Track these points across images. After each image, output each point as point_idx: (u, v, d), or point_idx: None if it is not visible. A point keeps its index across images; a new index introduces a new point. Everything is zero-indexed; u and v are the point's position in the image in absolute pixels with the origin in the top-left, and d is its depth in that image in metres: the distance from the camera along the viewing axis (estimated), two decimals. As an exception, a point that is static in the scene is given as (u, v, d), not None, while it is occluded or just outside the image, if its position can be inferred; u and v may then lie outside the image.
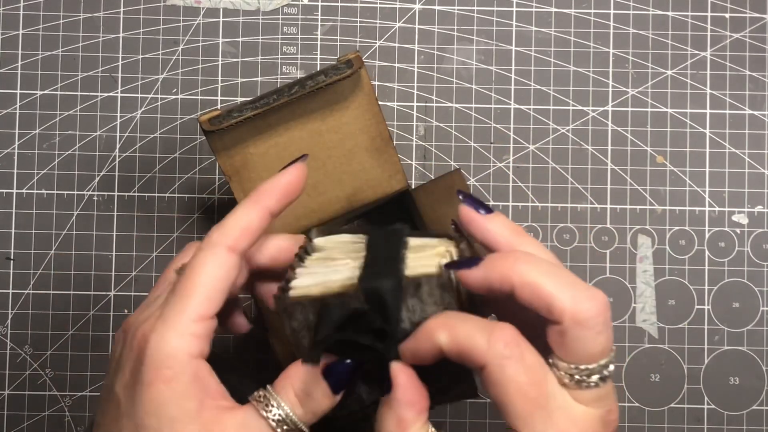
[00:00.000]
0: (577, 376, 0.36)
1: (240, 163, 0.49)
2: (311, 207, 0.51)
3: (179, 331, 0.38)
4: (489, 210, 0.39)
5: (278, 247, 0.43)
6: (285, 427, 0.37)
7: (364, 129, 0.50)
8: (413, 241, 0.40)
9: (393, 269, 0.36)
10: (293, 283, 0.38)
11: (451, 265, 0.37)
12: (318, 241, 0.40)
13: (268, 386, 0.38)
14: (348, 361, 0.37)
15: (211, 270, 0.39)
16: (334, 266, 0.39)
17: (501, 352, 0.35)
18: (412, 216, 0.55)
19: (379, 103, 0.59)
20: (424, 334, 0.36)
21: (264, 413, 0.37)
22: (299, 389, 0.38)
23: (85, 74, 0.59)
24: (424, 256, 0.38)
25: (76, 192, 0.58)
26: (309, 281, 0.38)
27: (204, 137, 0.50)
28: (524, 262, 0.36)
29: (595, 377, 0.36)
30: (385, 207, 0.54)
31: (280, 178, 0.41)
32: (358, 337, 0.36)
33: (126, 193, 0.58)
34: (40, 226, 0.58)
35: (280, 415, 0.37)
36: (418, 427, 0.36)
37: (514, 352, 0.35)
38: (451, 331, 0.35)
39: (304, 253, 0.40)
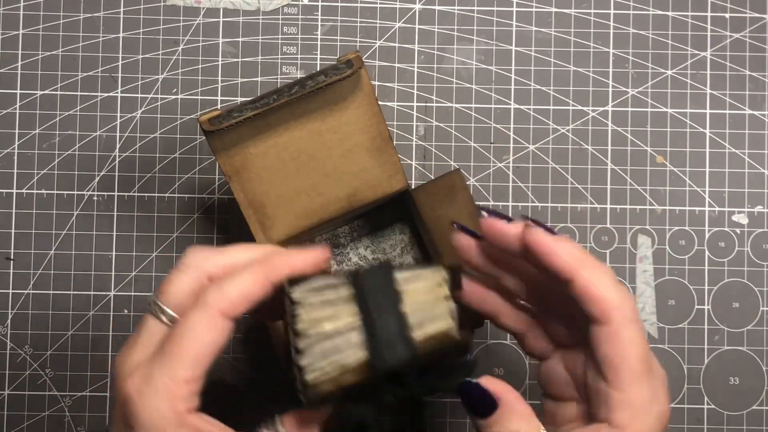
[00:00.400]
0: None
1: (240, 163, 0.49)
2: (311, 207, 0.51)
3: (169, 395, 0.37)
4: (553, 231, 0.40)
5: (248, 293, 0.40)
6: None
7: (364, 129, 0.50)
8: (401, 276, 0.38)
9: (400, 331, 0.36)
10: (307, 377, 0.37)
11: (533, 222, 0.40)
12: (296, 295, 0.38)
13: (272, 422, 0.40)
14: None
15: (203, 335, 0.38)
16: (332, 340, 0.37)
17: (630, 315, 0.38)
18: (411, 216, 0.55)
19: (379, 103, 0.59)
20: (563, 255, 0.39)
21: None
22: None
23: (85, 74, 0.59)
24: (424, 300, 0.38)
25: (76, 192, 0.58)
26: (321, 376, 0.37)
27: (204, 137, 0.50)
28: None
29: None
30: (385, 207, 0.54)
31: (298, 257, 0.40)
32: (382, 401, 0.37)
33: (126, 193, 0.58)
34: (40, 226, 0.58)
35: None
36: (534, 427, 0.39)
37: (638, 317, 0.38)
38: (592, 271, 0.38)
39: (291, 314, 0.38)
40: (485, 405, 0.39)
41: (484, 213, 0.41)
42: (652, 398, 0.38)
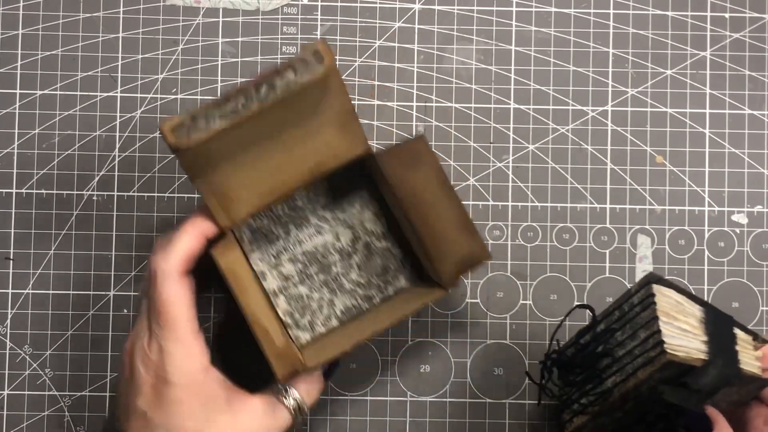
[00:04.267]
0: None
1: (203, 159, 0.47)
2: (273, 185, 0.49)
3: (187, 354, 0.47)
4: None
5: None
6: (296, 412, 0.50)
7: (329, 108, 0.48)
8: (738, 333, 0.49)
9: (733, 363, 0.47)
10: (666, 340, 0.46)
11: None
12: (656, 289, 0.48)
13: (284, 384, 0.50)
14: (336, 362, 0.52)
15: (179, 297, 0.47)
16: (681, 330, 0.47)
17: None
18: (375, 180, 0.54)
19: (379, 103, 0.59)
20: None
21: (284, 400, 0.50)
22: (304, 387, 0.51)
23: (85, 74, 0.59)
24: (747, 354, 0.49)
25: (75, 192, 0.58)
26: (682, 344, 0.46)
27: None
28: None
29: None
30: (347, 172, 0.53)
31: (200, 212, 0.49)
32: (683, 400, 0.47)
33: (125, 193, 0.58)
34: (40, 226, 0.58)
35: (295, 402, 0.50)
36: None
37: None
38: None
39: (649, 297, 0.48)
40: (702, 425, 0.47)
41: None
42: None
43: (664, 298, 0.48)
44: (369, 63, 0.59)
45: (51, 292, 0.58)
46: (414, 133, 0.58)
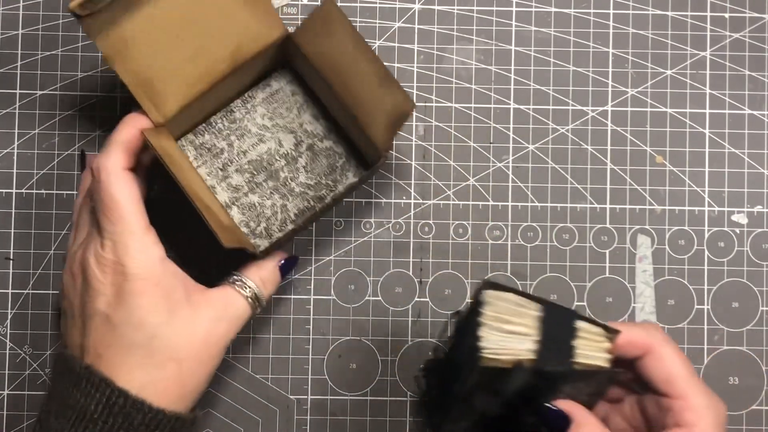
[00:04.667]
0: None
1: (119, 43, 0.49)
2: (198, 73, 0.52)
3: (142, 245, 0.47)
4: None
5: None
6: (254, 302, 0.51)
7: None
8: (581, 326, 0.46)
9: (565, 358, 0.45)
10: (484, 344, 0.44)
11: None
12: (488, 294, 0.45)
13: (239, 274, 0.51)
14: (294, 258, 0.55)
15: (126, 191, 0.48)
16: (511, 333, 0.45)
17: (662, 337, 0.46)
18: (299, 67, 0.55)
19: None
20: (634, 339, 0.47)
21: (241, 291, 0.51)
22: (259, 278, 0.52)
23: (85, 74, 0.59)
24: (592, 346, 0.46)
25: (75, 192, 0.58)
26: (497, 347, 0.44)
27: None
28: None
29: None
30: (279, 76, 0.56)
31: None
32: (520, 401, 0.45)
33: (125, 193, 0.58)
34: (40, 226, 0.58)
35: (252, 292, 0.51)
36: None
37: (669, 339, 0.47)
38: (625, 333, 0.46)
39: (477, 305, 0.45)
40: (560, 422, 0.45)
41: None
42: (710, 398, 0.45)
43: (500, 302, 0.45)
44: (369, 63, 0.59)
45: (51, 292, 0.58)
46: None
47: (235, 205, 0.55)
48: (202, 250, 0.55)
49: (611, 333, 0.46)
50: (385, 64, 0.51)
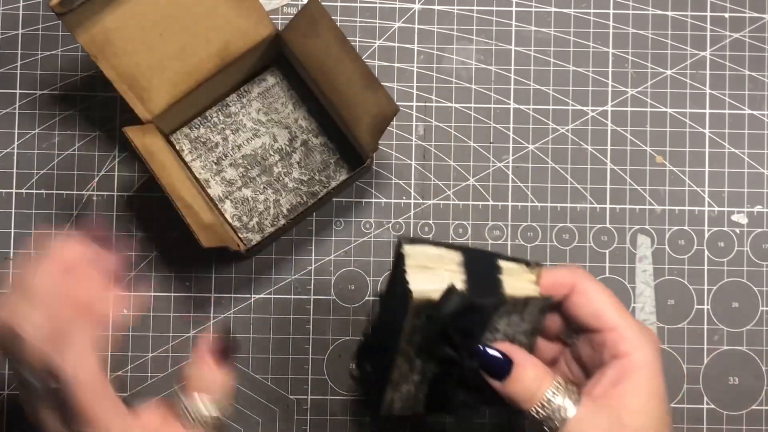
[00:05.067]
0: None
1: (101, 38, 0.49)
2: (185, 71, 0.52)
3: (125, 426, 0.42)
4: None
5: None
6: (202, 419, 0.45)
7: None
8: (503, 264, 0.46)
9: (494, 290, 0.45)
10: (413, 285, 0.43)
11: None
12: (407, 248, 0.44)
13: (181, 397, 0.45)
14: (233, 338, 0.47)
15: (105, 404, 0.42)
16: (435, 274, 0.44)
17: (585, 275, 0.46)
18: (289, 61, 0.55)
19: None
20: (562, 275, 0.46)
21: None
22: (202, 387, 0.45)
23: (85, 74, 0.59)
24: (519, 279, 0.46)
25: (75, 192, 0.58)
26: (426, 286, 0.43)
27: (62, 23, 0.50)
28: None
29: None
30: (274, 72, 0.56)
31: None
32: (458, 338, 0.43)
33: (126, 193, 0.58)
34: (40, 226, 0.58)
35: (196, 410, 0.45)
36: (550, 380, 0.44)
37: (593, 277, 0.46)
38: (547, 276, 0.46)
39: (398, 259, 0.44)
40: (501, 364, 0.44)
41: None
42: (640, 327, 0.45)
43: (420, 254, 0.45)
44: (369, 63, 0.59)
45: (51, 292, 0.58)
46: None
47: (228, 199, 0.56)
48: (188, 248, 0.54)
49: (534, 266, 0.46)
50: (385, 64, 0.51)
